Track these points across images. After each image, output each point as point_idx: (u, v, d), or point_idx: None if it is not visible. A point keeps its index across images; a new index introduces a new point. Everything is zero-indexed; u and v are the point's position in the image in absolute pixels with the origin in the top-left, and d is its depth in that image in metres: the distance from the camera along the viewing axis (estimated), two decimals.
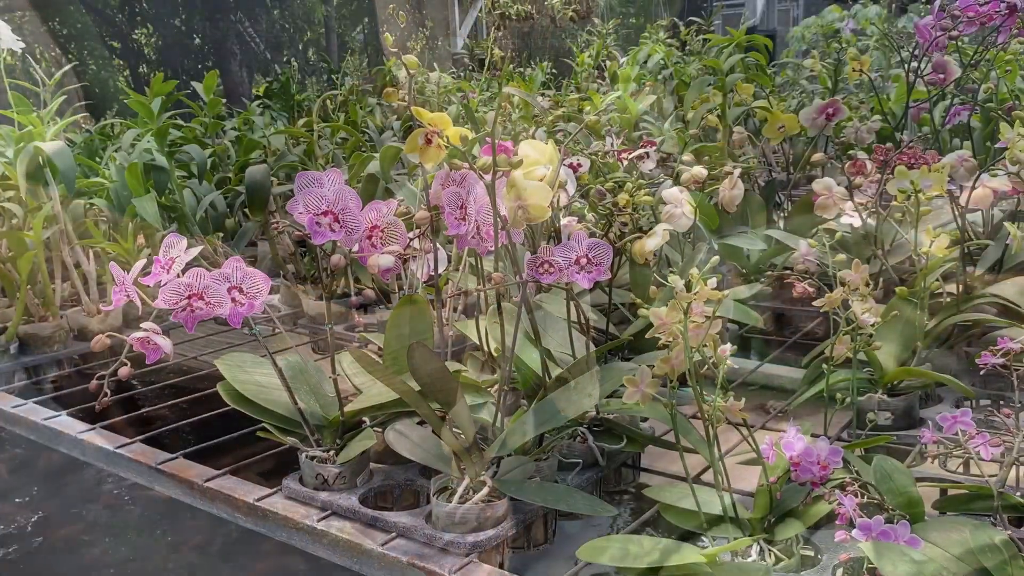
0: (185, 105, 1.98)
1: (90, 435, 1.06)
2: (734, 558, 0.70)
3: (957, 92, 1.27)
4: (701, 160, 1.60)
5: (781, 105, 1.57)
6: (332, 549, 0.81)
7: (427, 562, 0.75)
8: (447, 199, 0.80)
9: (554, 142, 0.81)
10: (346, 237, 0.70)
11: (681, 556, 0.65)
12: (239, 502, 0.88)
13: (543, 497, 0.78)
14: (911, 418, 0.97)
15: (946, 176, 0.97)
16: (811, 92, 2.18)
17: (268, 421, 0.90)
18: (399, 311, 0.90)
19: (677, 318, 0.67)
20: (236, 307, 0.73)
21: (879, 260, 1.39)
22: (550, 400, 0.82)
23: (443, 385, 0.75)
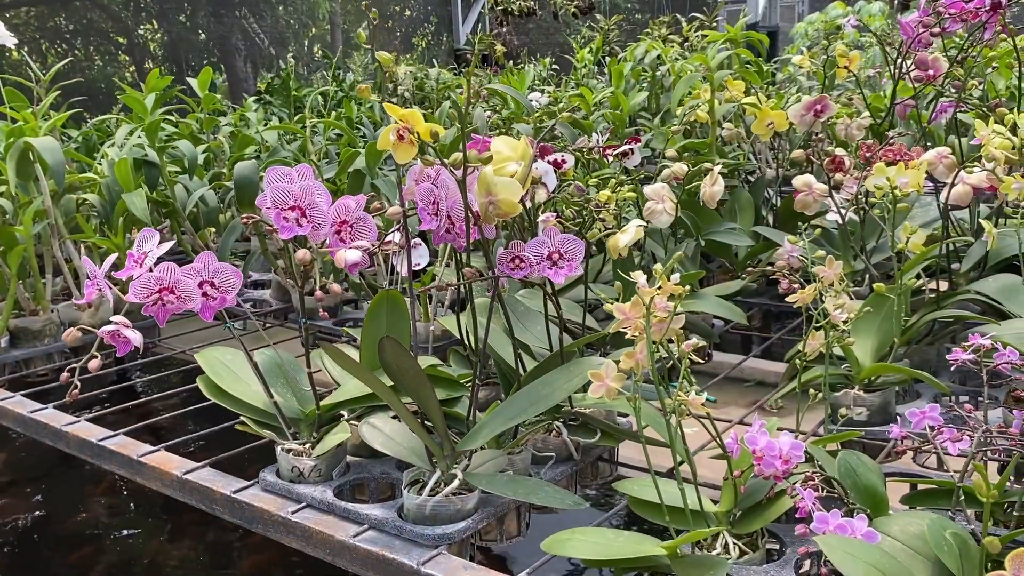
0: (188, 100, 1.99)
1: (74, 427, 1.07)
2: (695, 550, 0.70)
3: (942, 89, 1.27)
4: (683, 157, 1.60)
5: (770, 102, 1.57)
6: (305, 541, 0.82)
7: (396, 554, 0.75)
8: (420, 194, 0.81)
9: (526, 139, 0.81)
10: (313, 232, 0.71)
11: (641, 548, 0.66)
12: (216, 494, 0.89)
13: (513, 490, 0.79)
14: (887, 414, 0.97)
15: (923, 173, 0.97)
16: (808, 88, 2.18)
17: (246, 414, 0.91)
18: (376, 306, 0.91)
19: (640, 313, 0.68)
20: (208, 301, 0.74)
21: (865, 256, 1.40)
22: (521, 394, 0.83)
23: (413, 379, 0.76)
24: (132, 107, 1.73)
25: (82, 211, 1.52)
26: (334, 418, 0.91)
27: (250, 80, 6.98)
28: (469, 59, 3.70)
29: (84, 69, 7.02)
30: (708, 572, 0.60)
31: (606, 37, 4.08)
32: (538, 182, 1.04)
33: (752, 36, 2.07)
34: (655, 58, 2.42)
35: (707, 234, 1.45)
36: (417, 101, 2.65)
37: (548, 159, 1.19)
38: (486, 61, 5.11)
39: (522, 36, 6.91)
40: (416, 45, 8.28)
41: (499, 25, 6.17)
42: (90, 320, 1.40)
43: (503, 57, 3.92)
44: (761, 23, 4.23)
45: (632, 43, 2.59)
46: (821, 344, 0.88)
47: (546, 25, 7.18)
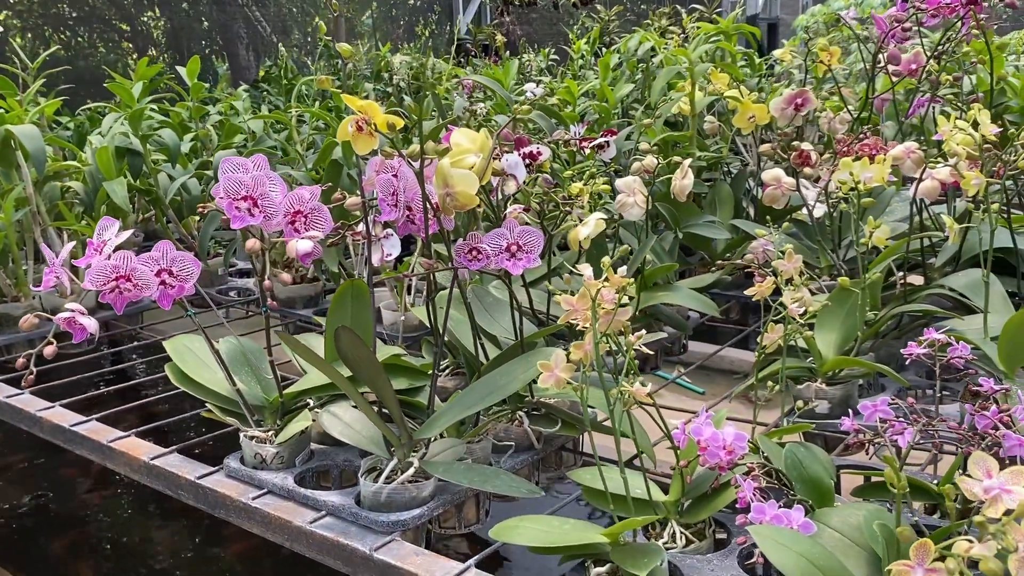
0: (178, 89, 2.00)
1: (48, 413, 1.08)
2: (646, 538, 0.71)
3: (919, 83, 1.27)
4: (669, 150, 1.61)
5: (752, 96, 1.57)
6: (265, 526, 0.83)
7: (351, 539, 0.77)
8: (380, 185, 0.82)
9: (487, 131, 0.82)
10: (265, 222, 0.72)
11: (585, 536, 0.67)
12: (181, 480, 0.90)
13: (469, 478, 0.80)
14: (848, 407, 0.98)
15: (887, 168, 0.98)
16: (800, 82, 2.18)
17: (211, 401, 0.92)
18: (340, 296, 0.92)
19: (586, 304, 0.69)
20: (166, 289, 0.75)
21: (844, 250, 1.40)
22: (480, 384, 0.84)
23: (369, 369, 0.77)
24: (120, 95, 1.74)
25: (67, 198, 1.53)
26: (298, 406, 0.93)
27: (252, 68, 6.98)
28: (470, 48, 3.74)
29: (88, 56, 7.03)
30: (643, 559, 0.61)
31: (605, 28, 4.07)
32: (505, 174, 1.05)
33: (744, 28, 2.07)
34: (648, 50, 2.42)
35: (686, 227, 1.46)
36: (413, 91, 2.66)
37: (524, 151, 1.20)
38: (487, 51, 5.11)
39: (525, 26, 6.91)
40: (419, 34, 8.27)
41: (500, 15, 6.15)
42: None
43: (504, 47, 3.93)
44: (761, 15, 4.21)
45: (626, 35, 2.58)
46: (779, 337, 0.89)
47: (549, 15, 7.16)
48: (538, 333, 0.94)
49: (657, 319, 1.28)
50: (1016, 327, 0.85)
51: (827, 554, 0.58)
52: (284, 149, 1.82)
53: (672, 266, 1.26)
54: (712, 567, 0.68)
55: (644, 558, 0.61)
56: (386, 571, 0.74)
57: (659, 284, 1.29)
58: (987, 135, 0.89)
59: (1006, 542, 0.42)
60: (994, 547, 0.43)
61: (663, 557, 0.64)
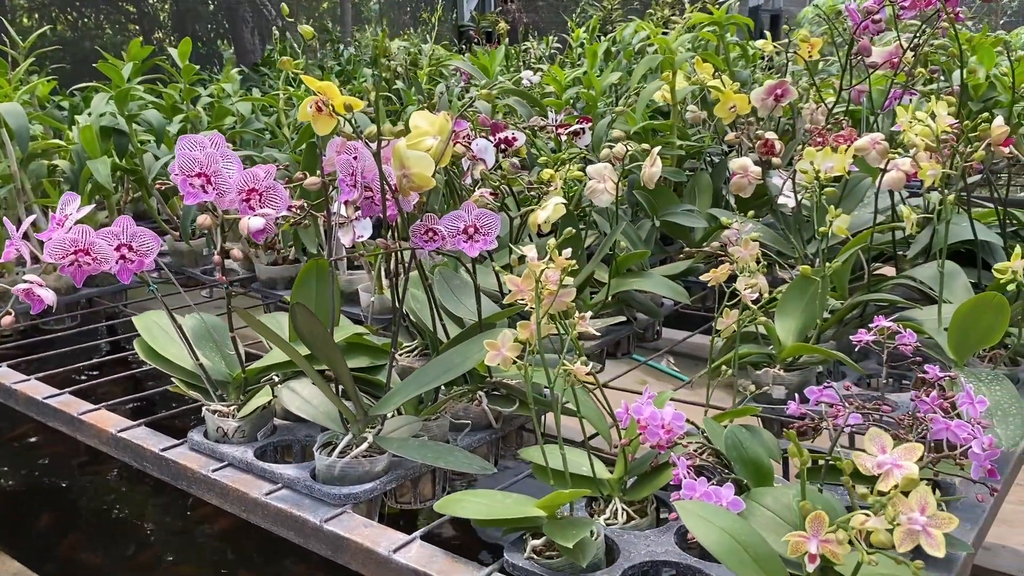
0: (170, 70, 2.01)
1: (23, 385, 1.10)
2: (572, 512, 0.73)
3: (893, 76, 1.28)
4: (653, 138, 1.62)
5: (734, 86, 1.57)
6: (223, 498, 0.85)
7: (303, 511, 0.79)
8: (339, 166, 0.83)
9: (446, 114, 0.83)
10: (218, 199, 0.73)
11: (524, 510, 0.69)
12: (146, 452, 0.92)
13: (423, 454, 0.81)
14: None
15: (848, 158, 0.99)
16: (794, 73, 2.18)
17: (177, 376, 0.94)
18: (305, 275, 0.94)
19: (531, 285, 0.70)
20: (126, 263, 0.77)
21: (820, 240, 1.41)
22: (436, 363, 0.86)
23: (324, 346, 0.79)
24: (109, 76, 1.76)
25: (56, 177, 1.55)
26: (263, 382, 0.94)
27: (257, 52, 6.98)
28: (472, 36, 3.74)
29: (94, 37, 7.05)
30: (572, 531, 0.63)
31: (608, 16, 4.07)
32: (475, 158, 1.07)
33: (736, 19, 2.07)
34: (644, 39, 2.42)
35: (664, 215, 1.47)
36: (426, 77, 2.67)
37: (499, 136, 1.22)
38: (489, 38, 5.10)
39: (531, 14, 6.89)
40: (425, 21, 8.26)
41: (504, 2, 6.13)
42: (55, 284, 1.43)
43: (506, 34, 3.93)
44: (764, 6, 4.21)
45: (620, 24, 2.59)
46: (733, 322, 0.90)
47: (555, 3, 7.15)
48: (499, 314, 0.95)
49: (629, 305, 1.29)
50: (964, 316, 0.86)
51: (751, 530, 0.60)
52: (272, 131, 1.84)
53: (644, 253, 1.27)
54: (648, 542, 0.70)
55: (573, 530, 0.63)
56: (335, 542, 0.76)
57: (633, 271, 1.30)
58: (944, 127, 0.90)
59: (886, 514, 0.43)
60: (887, 520, 0.44)
61: (593, 530, 0.65)
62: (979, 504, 0.76)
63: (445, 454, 0.83)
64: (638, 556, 0.68)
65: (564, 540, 0.62)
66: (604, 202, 1.14)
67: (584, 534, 0.63)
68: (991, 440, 0.63)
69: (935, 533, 0.43)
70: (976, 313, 0.85)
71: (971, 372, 0.86)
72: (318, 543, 0.77)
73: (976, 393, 0.81)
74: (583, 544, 0.63)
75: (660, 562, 0.68)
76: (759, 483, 0.73)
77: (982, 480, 0.63)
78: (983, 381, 0.85)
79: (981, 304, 0.84)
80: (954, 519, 0.44)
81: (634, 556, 0.68)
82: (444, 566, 0.70)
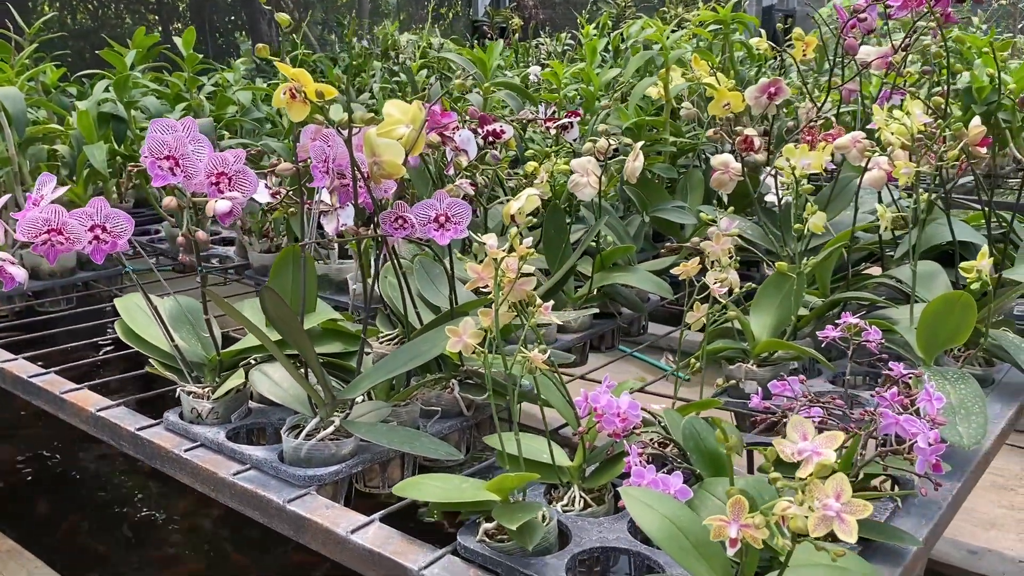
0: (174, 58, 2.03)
1: (10, 365, 1.12)
2: (524, 497, 0.74)
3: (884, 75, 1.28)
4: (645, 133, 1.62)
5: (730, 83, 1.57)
6: (194, 477, 0.87)
7: (268, 491, 0.80)
8: (313, 152, 0.85)
9: (419, 103, 0.84)
10: (186, 181, 0.75)
11: (479, 494, 0.70)
12: (123, 431, 0.94)
13: (389, 439, 0.83)
14: None
15: (824, 156, 0.99)
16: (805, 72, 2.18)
17: (154, 357, 0.96)
18: (282, 260, 0.95)
19: (491, 273, 0.71)
20: (100, 244, 0.78)
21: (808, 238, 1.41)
22: (404, 349, 0.87)
23: (292, 330, 0.80)
24: (113, 63, 1.78)
25: (57, 161, 1.58)
26: (241, 364, 0.96)
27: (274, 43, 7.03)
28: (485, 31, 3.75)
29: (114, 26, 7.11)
30: (518, 514, 0.64)
31: (622, 13, 4.06)
32: (458, 149, 1.08)
33: (742, 18, 2.07)
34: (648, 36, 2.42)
35: (654, 211, 1.48)
36: (418, 68, 2.68)
37: (487, 128, 1.23)
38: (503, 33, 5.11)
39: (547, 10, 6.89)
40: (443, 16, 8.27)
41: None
42: (52, 266, 1.45)
43: (519, 30, 3.94)
44: (778, 5, 4.19)
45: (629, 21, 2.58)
46: (702, 316, 0.91)
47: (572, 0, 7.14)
48: (473, 303, 0.96)
49: (614, 299, 1.30)
50: (932, 315, 0.86)
51: (694, 517, 0.61)
52: (273, 120, 1.86)
53: (630, 248, 1.28)
54: (601, 528, 0.71)
55: (520, 513, 0.64)
56: (297, 522, 0.77)
57: (619, 265, 1.31)
58: (919, 126, 0.90)
59: (796, 499, 0.44)
60: (798, 505, 0.45)
61: (546, 514, 0.66)
62: (935, 501, 0.76)
63: (412, 439, 0.84)
64: (589, 542, 0.69)
65: (510, 523, 0.63)
66: (587, 196, 1.15)
67: (530, 517, 0.64)
68: (937, 435, 0.63)
69: (848, 519, 0.44)
70: (943, 312, 0.85)
71: (938, 371, 0.87)
72: (281, 523, 0.79)
73: (940, 391, 0.82)
74: (528, 527, 0.64)
75: (610, 548, 0.69)
76: (715, 474, 0.74)
77: (927, 475, 0.63)
78: (949, 380, 0.85)
79: (948, 303, 0.85)
80: (868, 506, 0.44)
81: (585, 542, 0.69)
82: (399, 547, 0.71)
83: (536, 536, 0.64)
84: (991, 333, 1.00)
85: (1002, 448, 0.97)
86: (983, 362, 1.01)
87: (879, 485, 0.78)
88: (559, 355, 1.03)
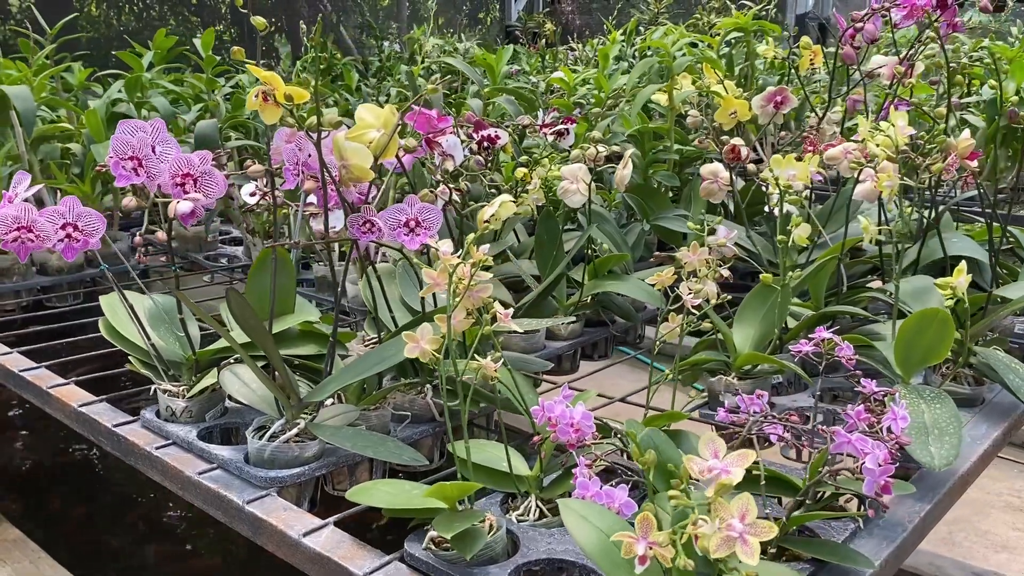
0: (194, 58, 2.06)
1: (5, 358, 1.14)
2: (471, 505, 0.73)
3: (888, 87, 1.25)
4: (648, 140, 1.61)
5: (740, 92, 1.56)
6: (163, 475, 0.88)
7: (230, 491, 0.80)
8: (286, 154, 0.85)
9: (392, 107, 0.84)
10: (148, 181, 0.76)
11: (427, 501, 0.69)
12: (101, 427, 0.95)
13: (353, 443, 0.83)
14: None
15: (809, 167, 0.97)
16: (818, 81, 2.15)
17: (133, 354, 0.97)
18: (260, 263, 0.96)
19: (446, 278, 0.71)
20: (71, 242, 0.80)
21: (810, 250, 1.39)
22: (372, 353, 0.87)
23: (257, 332, 0.81)
24: (130, 64, 1.81)
25: (68, 159, 1.61)
26: (216, 363, 0.96)
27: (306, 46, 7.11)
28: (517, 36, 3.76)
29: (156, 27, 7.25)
30: (455, 524, 0.63)
31: (655, 19, 4.04)
32: (445, 154, 1.08)
33: (764, 26, 2.05)
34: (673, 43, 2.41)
35: (655, 220, 1.47)
36: (443, 73, 2.69)
37: (482, 134, 1.22)
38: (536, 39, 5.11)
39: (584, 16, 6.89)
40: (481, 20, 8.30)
41: (552, 4, 6.12)
42: (59, 262, 1.48)
43: (553, 35, 3.94)
44: (811, 14, 4.14)
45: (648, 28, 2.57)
46: (676, 326, 0.90)
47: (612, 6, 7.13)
48: (442, 309, 0.96)
49: (607, 308, 1.29)
50: (909, 332, 0.84)
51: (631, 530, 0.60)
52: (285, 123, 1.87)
53: (624, 256, 1.26)
54: (550, 540, 0.70)
55: (457, 523, 0.64)
56: (254, 523, 0.77)
57: (614, 273, 1.30)
58: (903, 139, 0.88)
59: (687, 519, 0.43)
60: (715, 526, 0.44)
61: (490, 523, 0.66)
62: (900, 522, 0.74)
63: (376, 444, 0.84)
64: (535, 553, 0.68)
65: (445, 532, 0.62)
66: (576, 203, 1.14)
67: (467, 527, 0.63)
68: (887, 455, 0.61)
69: (751, 541, 0.43)
70: (920, 329, 0.83)
71: (914, 389, 0.85)
72: (240, 523, 0.79)
73: (914, 410, 0.80)
74: (466, 536, 0.64)
75: (556, 560, 0.68)
76: (671, 488, 0.72)
77: (875, 496, 0.62)
78: (924, 398, 0.83)
79: (925, 319, 0.83)
80: (773, 528, 0.43)
81: (531, 553, 0.68)
82: (348, 552, 0.71)
83: (475, 546, 0.64)
84: (980, 352, 0.97)
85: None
86: (972, 381, 0.98)
87: (845, 504, 0.76)
88: (535, 362, 1.02)
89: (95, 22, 6.23)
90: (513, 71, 2.82)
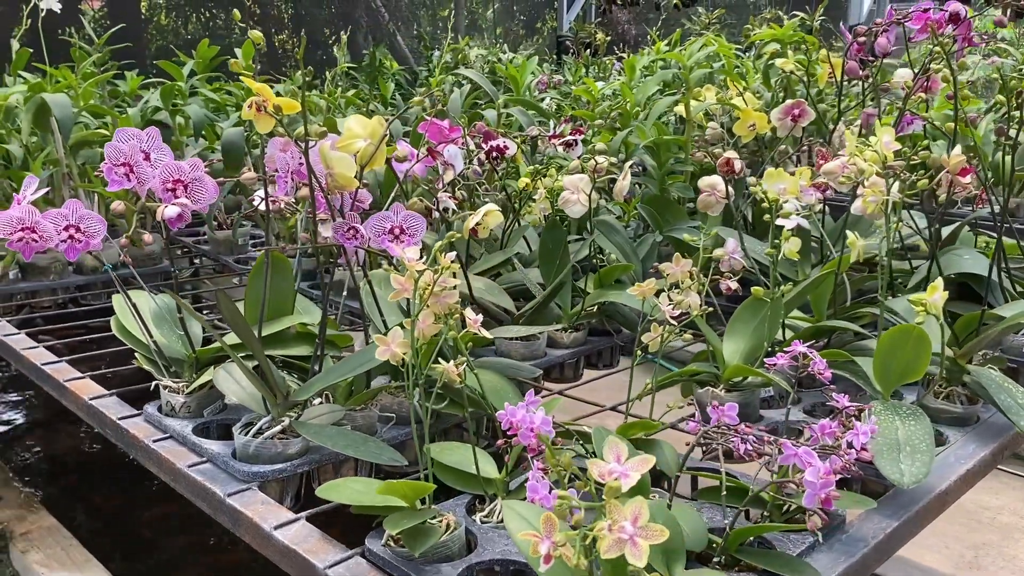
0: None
1: (30, 352, 1.20)
2: (429, 505, 0.75)
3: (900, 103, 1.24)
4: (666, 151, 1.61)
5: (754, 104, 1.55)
6: (159, 467, 0.92)
7: (214, 484, 0.84)
8: (279, 163, 0.89)
9: (380, 119, 0.87)
10: (139, 187, 0.80)
11: (389, 499, 0.72)
12: (107, 419, 1.00)
13: (334, 441, 0.86)
14: (746, 415, 0.98)
15: (799, 181, 0.97)
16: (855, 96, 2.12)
17: (139, 351, 1.01)
18: (259, 265, 0.99)
19: (411, 285, 0.73)
20: (74, 243, 0.84)
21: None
22: (357, 355, 0.90)
23: (244, 333, 0.84)
24: (171, 72, 1.88)
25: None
26: (217, 360, 1.00)
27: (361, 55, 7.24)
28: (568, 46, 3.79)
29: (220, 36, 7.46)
30: (403, 521, 0.66)
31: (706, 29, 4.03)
32: (446, 164, 1.10)
33: (801, 37, 2.03)
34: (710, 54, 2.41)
35: (669, 231, 1.47)
36: (437, 83, 2.73)
37: (491, 144, 1.25)
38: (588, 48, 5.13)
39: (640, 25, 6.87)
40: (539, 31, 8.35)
41: (602, 13, 6.13)
42: (93, 262, 1.55)
43: (604, 45, 3.96)
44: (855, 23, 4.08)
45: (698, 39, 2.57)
46: (656, 339, 0.91)
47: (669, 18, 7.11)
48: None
49: (612, 318, 1.30)
50: (886, 347, 0.84)
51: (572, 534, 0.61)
52: None
53: (629, 266, 1.27)
54: (507, 541, 0.72)
55: (406, 520, 0.66)
56: (234, 515, 0.81)
57: (621, 283, 1.31)
58: (889, 154, 0.88)
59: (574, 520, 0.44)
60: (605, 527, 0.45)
61: (447, 523, 0.68)
62: (862, 538, 0.74)
63: (358, 443, 0.86)
64: (490, 554, 0.70)
65: (393, 528, 0.65)
66: (576, 213, 1.16)
67: (416, 524, 0.65)
68: (828, 469, 0.62)
69: (641, 544, 0.44)
70: (896, 345, 0.83)
71: (891, 405, 0.84)
72: (222, 515, 0.82)
73: (888, 426, 0.80)
74: (414, 534, 0.66)
75: (510, 560, 0.70)
76: (635, 494, 0.74)
77: (817, 509, 0.62)
78: (900, 415, 0.83)
79: (902, 335, 0.82)
80: (665, 532, 0.44)
81: (486, 553, 0.70)
82: (314, 546, 0.74)
83: (425, 543, 0.66)
84: (973, 370, 0.96)
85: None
86: (966, 400, 0.97)
87: (806, 518, 0.76)
88: (526, 369, 1.04)
89: (164, 31, 6.43)
90: (557, 81, 2.84)
